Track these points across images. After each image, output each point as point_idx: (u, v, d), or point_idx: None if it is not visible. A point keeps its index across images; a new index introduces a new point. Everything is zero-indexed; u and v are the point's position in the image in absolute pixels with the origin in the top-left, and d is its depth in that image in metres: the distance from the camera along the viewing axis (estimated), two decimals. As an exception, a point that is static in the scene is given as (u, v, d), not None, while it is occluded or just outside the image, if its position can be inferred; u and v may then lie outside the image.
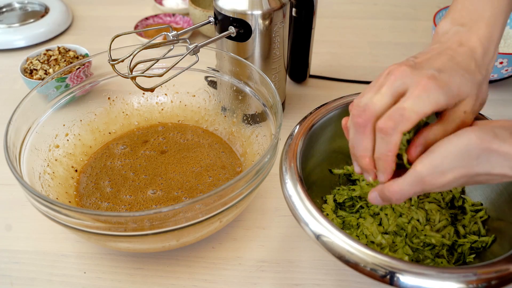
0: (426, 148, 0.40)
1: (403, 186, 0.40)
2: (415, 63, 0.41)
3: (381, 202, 0.43)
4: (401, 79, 0.40)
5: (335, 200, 0.60)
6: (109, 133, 0.72)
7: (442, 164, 0.38)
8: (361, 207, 0.60)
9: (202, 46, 0.62)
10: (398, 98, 0.40)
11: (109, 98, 0.73)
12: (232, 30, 0.66)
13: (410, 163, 0.41)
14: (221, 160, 0.68)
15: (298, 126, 0.56)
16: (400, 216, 0.57)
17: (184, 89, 0.75)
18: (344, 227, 0.58)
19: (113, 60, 0.58)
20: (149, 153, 0.69)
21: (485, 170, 0.38)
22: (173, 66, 0.58)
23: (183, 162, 0.68)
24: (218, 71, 0.70)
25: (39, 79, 0.80)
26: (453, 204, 0.60)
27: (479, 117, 0.53)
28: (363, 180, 0.62)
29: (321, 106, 0.59)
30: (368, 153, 0.42)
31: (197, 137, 0.72)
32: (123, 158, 0.68)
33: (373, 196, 0.44)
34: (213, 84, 0.73)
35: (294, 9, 0.75)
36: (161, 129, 0.74)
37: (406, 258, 0.54)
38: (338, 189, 0.62)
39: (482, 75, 0.43)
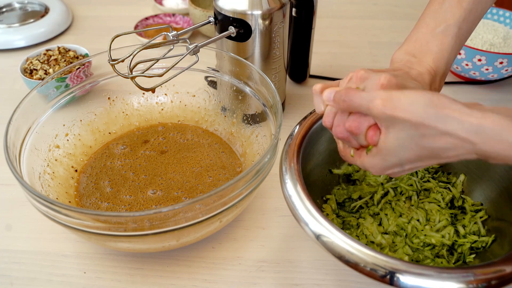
0: None
1: (358, 95, 0.41)
2: (371, 70, 0.45)
3: (330, 99, 0.43)
4: (361, 81, 0.43)
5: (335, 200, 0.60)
6: (109, 133, 0.72)
7: (398, 100, 0.38)
8: (361, 207, 0.60)
9: (202, 46, 0.62)
10: None
11: (109, 98, 0.73)
12: (232, 30, 0.66)
13: None
14: (221, 160, 0.68)
15: (298, 126, 0.56)
16: (400, 216, 0.58)
17: (184, 89, 0.75)
18: (344, 227, 0.58)
19: (113, 60, 0.58)
20: (149, 153, 0.69)
21: (437, 127, 0.37)
22: (173, 66, 0.58)
23: (183, 162, 0.68)
24: (218, 71, 0.70)
25: (39, 79, 0.80)
26: (453, 204, 0.60)
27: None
28: (363, 181, 0.62)
29: (321, 106, 0.59)
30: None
31: (197, 137, 0.72)
32: (123, 158, 0.68)
33: (329, 91, 0.44)
34: (213, 84, 0.73)
35: (294, 9, 0.75)
36: (161, 129, 0.74)
37: (406, 258, 0.54)
38: (338, 189, 0.62)
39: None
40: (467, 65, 0.83)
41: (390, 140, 0.40)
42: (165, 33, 0.61)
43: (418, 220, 0.57)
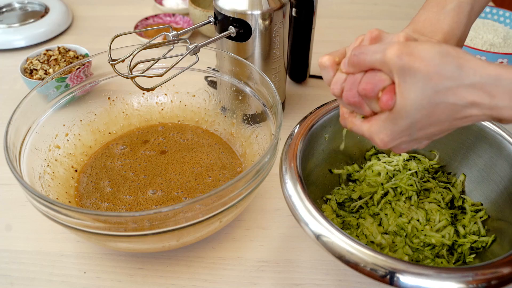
0: None
1: (371, 48, 0.39)
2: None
3: (345, 66, 0.41)
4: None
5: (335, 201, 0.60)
6: (109, 133, 0.72)
7: (415, 47, 0.36)
8: (361, 207, 0.60)
9: (202, 46, 0.62)
10: None
11: (109, 98, 0.73)
12: (232, 30, 0.66)
13: None
14: (221, 160, 0.68)
15: (298, 126, 0.56)
16: (400, 216, 0.58)
17: (184, 89, 0.75)
18: (344, 227, 0.58)
19: (113, 60, 0.58)
20: (149, 153, 0.69)
21: (451, 84, 0.35)
22: (173, 66, 0.58)
23: (183, 162, 0.68)
24: (218, 71, 0.70)
25: (39, 79, 0.80)
26: (453, 204, 0.60)
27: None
28: (363, 181, 0.62)
29: (321, 106, 0.59)
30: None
31: (197, 137, 0.72)
32: (123, 158, 0.68)
33: (344, 59, 0.42)
34: (213, 84, 0.73)
35: (294, 9, 0.75)
36: (161, 129, 0.74)
37: (406, 258, 0.54)
38: (338, 189, 0.62)
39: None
40: (467, 65, 0.82)
41: (403, 97, 0.37)
42: (165, 33, 0.61)
43: (418, 220, 0.57)
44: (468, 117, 0.37)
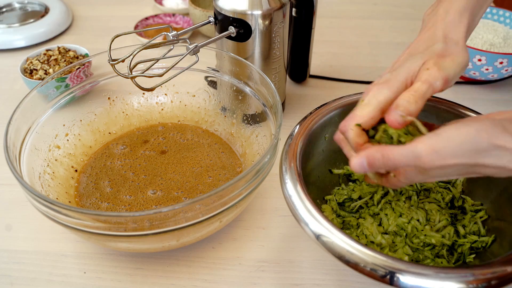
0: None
1: (398, 156, 0.40)
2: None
3: (365, 168, 0.42)
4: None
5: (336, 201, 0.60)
6: (109, 133, 0.72)
7: (444, 149, 0.38)
8: (361, 207, 0.60)
9: (202, 46, 0.62)
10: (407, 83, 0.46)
11: (109, 98, 0.73)
12: (232, 30, 0.66)
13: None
14: (221, 160, 0.68)
15: (298, 126, 0.56)
16: (400, 216, 0.57)
17: (184, 89, 0.75)
18: (344, 227, 0.58)
19: (113, 60, 0.58)
20: (149, 153, 0.69)
21: (488, 162, 0.39)
22: (173, 66, 0.58)
23: (183, 162, 0.68)
24: (218, 71, 0.70)
25: (39, 79, 0.80)
26: (453, 204, 0.60)
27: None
28: (362, 181, 0.62)
29: (321, 106, 0.59)
30: None
31: (197, 137, 0.72)
32: (123, 158, 0.68)
33: (358, 162, 0.42)
34: (213, 84, 0.73)
35: (294, 9, 0.75)
36: (161, 129, 0.74)
37: (406, 258, 0.54)
38: (338, 189, 0.62)
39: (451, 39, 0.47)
40: (467, 65, 0.82)
41: (436, 172, 0.40)
42: (165, 33, 0.61)
43: (418, 220, 0.57)
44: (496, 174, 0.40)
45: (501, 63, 0.80)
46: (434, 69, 0.43)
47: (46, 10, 1.07)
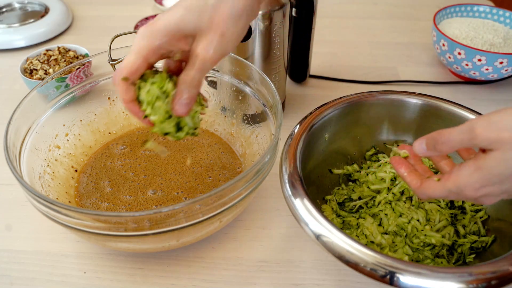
0: None
1: (453, 131, 0.40)
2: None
3: (424, 150, 0.43)
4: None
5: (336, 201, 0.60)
6: (109, 133, 0.72)
7: (500, 121, 0.38)
8: (361, 207, 0.60)
9: (202, 46, 0.62)
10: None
11: (109, 98, 0.73)
12: (232, 30, 0.66)
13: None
14: (221, 160, 0.68)
15: (298, 126, 0.56)
16: (400, 216, 0.57)
17: (184, 89, 0.75)
18: (344, 227, 0.58)
19: (113, 60, 0.58)
20: (149, 153, 0.69)
21: None
22: (173, 66, 0.58)
23: (183, 162, 0.68)
24: (218, 71, 0.70)
25: (39, 79, 0.80)
26: (453, 204, 0.60)
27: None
28: (363, 183, 0.62)
29: (321, 106, 0.59)
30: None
31: (197, 137, 0.72)
32: (123, 158, 0.68)
33: (419, 143, 0.44)
34: (213, 84, 0.73)
35: (294, 9, 0.75)
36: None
37: (406, 258, 0.54)
38: (338, 189, 0.62)
39: None
40: (467, 65, 0.83)
41: (495, 160, 0.39)
42: (165, 33, 0.61)
43: (418, 220, 0.57)
44: None
45: (501, 63, 0.80)
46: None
47: (46, 10, 1.07)
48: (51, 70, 0.82)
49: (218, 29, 0.43)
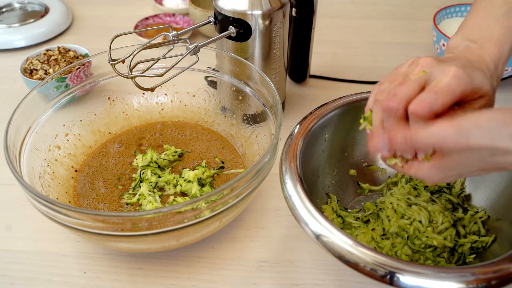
0: None
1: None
2: (437, 59, 0.43)
3: (387, 150, 0.42)
4: (428, 68, 0.42)
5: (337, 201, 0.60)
6: (109, 133, 0.72)
7: (469, 129, 0.37)
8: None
9: (202, 46, 0.62)
10: (424, 85, 0.41)
11: (109, 98, 0.73)
12: (232, 30, 0.66)
13: None
14: (222, 154, 0.68)
15: (298, 126, 0.56)
16: (402, 217, 0.57)
17: (184, 89, 0.75)
18: (344, 227, 0.58)
19: (113, 60, 0.58)
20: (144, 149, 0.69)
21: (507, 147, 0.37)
22: (173, 66, 0.58)
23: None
24: (218, 71, 0.70)
25: (39, 79, 0.80)
26: (452, 203, 0.60)
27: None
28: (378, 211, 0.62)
29: (321, 106, 0.59)
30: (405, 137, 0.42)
31: (196, 133, 0.72)
32: (117, 157, 0.68)
33: (381, 144, 0.42)
34: (213, 84, 0.73)
35: (294, 9, 0.75)
36: (160, 126, 0.74)
37: (405, 259, 0.54)
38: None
39: (493, 84, 0.45)
40: (467, 65, 0.82)
41: (458, 158, 0.39)
42: (165, 33, 0.61)
43: (420, 222, 0.56)
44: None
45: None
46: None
47: (46, 10, 1.07)
48: (51, 70, 0.82)
49: None
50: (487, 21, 0.46)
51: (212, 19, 0.68)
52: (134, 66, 0.57)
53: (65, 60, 0.84)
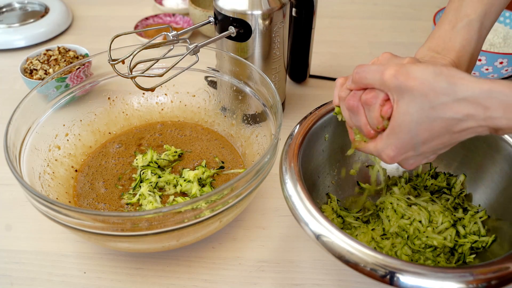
0: None
1: (370, 71, 0.43)
2: (394, 55, 0.48)
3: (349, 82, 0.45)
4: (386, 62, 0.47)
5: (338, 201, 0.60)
6: (109, 133, 0.72)
7: (409, 71, 0.40)
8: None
9: (202, 46, 0.62)
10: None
11: (109, 98, 0.73)
12: (232, 30, 0.66)
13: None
14: (221, 154, 0.68)
15: (298, 126, 0.56)
16: (402, 217, 0.57)
17: (184, 89, 0.75)
18: (344, 227, 0.58)
19: (113, 60, 0.58)
20: (144, 149, 0.69)
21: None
22: (173, 66, 0.58)
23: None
24: (218, 71, 0.70)
25: (39, 79, 0.80)
26: (455, 207, 0.60)
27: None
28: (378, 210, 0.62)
29: (321, 106, 0.59)
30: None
31: (196, 133, 0.72)
32: (117, 157, 0.68)
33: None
34: (213, 84, 0.73)
35: (294, 9, 0.75)
36: (159, 126, 0.74)
37: (405, 259, 0.54)
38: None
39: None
40: (467, 65, 0.82)
41: (402, 113, 0.40)
42: (165, 33, 0.61)
43: (420, 222, 0.56)
44: (466, 130, 0.39)
45: (501, 63, 0.80)
46: None
47: (46, 10, 1.07)
48: (51, 70, 0.82)
49: None
50: (450, 33, 0.49)
51: (212, 19, 0.68)
52: (134, 66, 0.57)
53: (65, 60, 0.84)
